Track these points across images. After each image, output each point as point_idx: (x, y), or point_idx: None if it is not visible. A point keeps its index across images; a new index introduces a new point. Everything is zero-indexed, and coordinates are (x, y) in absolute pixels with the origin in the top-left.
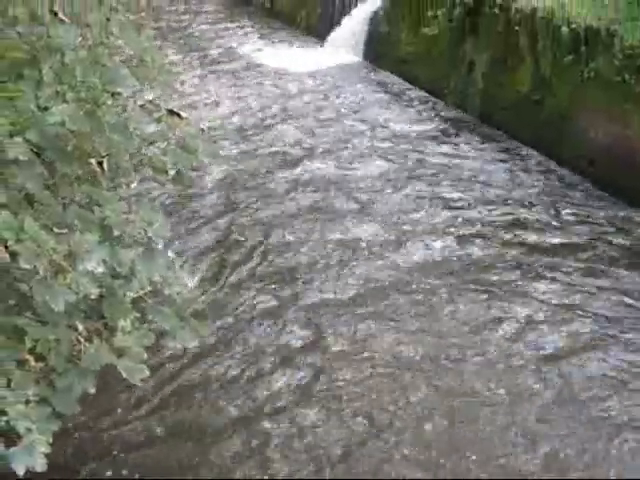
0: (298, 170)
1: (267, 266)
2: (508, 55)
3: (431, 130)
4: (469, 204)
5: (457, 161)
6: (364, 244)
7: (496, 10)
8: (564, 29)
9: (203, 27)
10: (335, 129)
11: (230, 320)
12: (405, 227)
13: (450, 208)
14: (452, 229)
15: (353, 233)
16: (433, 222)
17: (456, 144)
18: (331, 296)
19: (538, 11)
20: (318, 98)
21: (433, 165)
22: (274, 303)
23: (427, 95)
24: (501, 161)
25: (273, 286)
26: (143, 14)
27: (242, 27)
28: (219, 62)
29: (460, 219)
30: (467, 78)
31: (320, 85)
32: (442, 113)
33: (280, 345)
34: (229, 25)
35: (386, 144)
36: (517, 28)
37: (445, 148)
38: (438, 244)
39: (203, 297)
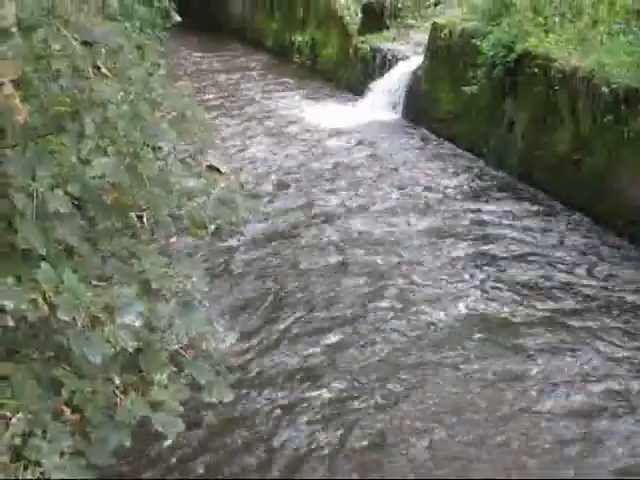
0: (337, 226)
1: (305, 322)
2: (548, 115)
3: (470, 189)
4: (507, 263)
5: (495, 219)
6: (403, 300)
7: (536, 70)
8: (604, 89)
9: (244, 84)
10: (374, 186)
11: (264, 375)
12: (443, 284)
13: (488, 266)
14: (490, 287)
15: (393, 289)
16: (472, 280)
17: (495, 203)
18: (368, 351)
19: (578, 71)
20: (357, 155)
21: (472, 223)
22: (307, 360)
23: (466, 154)
24: (540, 220)
25: (308, 343)
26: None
27: (283, 84)
28: (259, 118)
29: (498, 278)
30: (506, 137)
31: (359, 142)
32: (481, 172)
33: (313, 403)
34: (270, 81)
35: (425, 202)
36: (557, 88)
37: (484, 206)
38: (476, 302)
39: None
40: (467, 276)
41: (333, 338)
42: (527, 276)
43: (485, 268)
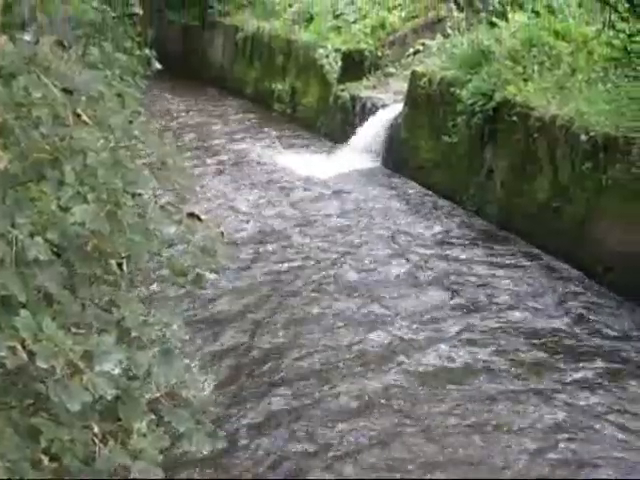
0: (317, 274)
1: (285, 370)
2: (527, 162)
3: (450, 236)
4: (487, 310)
5: (475, 267)
6: (381, 349)
7: (515, 118)
8: (583, 137)
9: (223, 131)
10: (354, 235)
11: (243, 424)
12: (423, 333)
13: (468, 314)
14: (470, 335)
15: (371, 338)
16: (451, 328)
17: (475, 250)
18: (350, 399)
19: (557, 119)
20: (336, 203)
21: (451, 271)
22: (287, 409)
23: (446, 201)
24: (519, 267)
25: (287, 392)
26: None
27: (262, 131)
28: (238, 165)
29: (478, 325)
30: (486, 185)
31: (338, 190)
32: (461, 219)
33: (290, 453)
34: (249, 129)
35: (405, 250)
36: (536, 136)
37: (463, 254)
38: (455, 351)
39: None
40: (447, 324)
41: (315, 386)
42: (507, 324)
43: (465, 316)
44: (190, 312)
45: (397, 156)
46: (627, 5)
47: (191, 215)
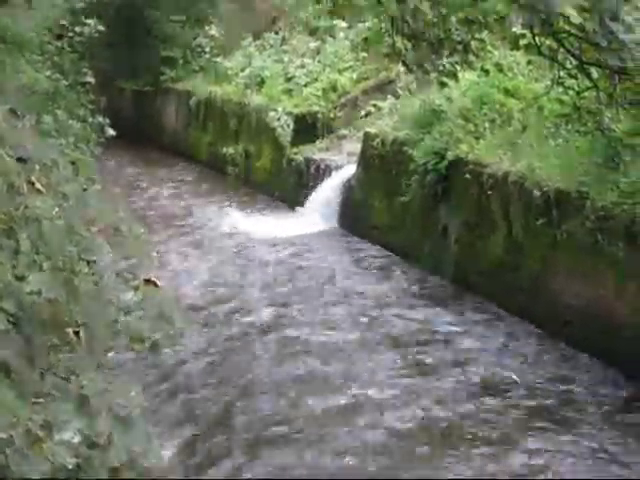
0: (275, 337)
1: (245, 436)
2: (481, 219)
3: (405, 295)
4: (443, 368)
5: (429, 325)
6: (340, 411)
7: (468, 176)
8: (535, 192)
9: (178, 196)
10: (310, 296)
11: None
12: (380, 393)
13: (423, 373)
14: (426, 394)
15: (330, 400)
16: (407, 387)
17: (431, 308)
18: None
19: (510, 175)
20: (293, 266)
21: (407, 330)
22: (245, 475)
23: (401, 260)
24: (475, 324)
25: (245, 457)
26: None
27: (217, 196)
28: (195, 230)
29: (434, 384)
30: (440, 243)
31: (295, 253)
32: (416, 278)
33: None
34: (204, 194)
35: (361, 310)
36: (489, 192)
37: (419, 313)
38: (413, 409)
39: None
40: (406, 383)
41: (271, 450)
42: (465, 382)
43: (419, 376)
44: (149, 378)
45: (352, 217)
46: (575, 62)
47: (147, 281)
